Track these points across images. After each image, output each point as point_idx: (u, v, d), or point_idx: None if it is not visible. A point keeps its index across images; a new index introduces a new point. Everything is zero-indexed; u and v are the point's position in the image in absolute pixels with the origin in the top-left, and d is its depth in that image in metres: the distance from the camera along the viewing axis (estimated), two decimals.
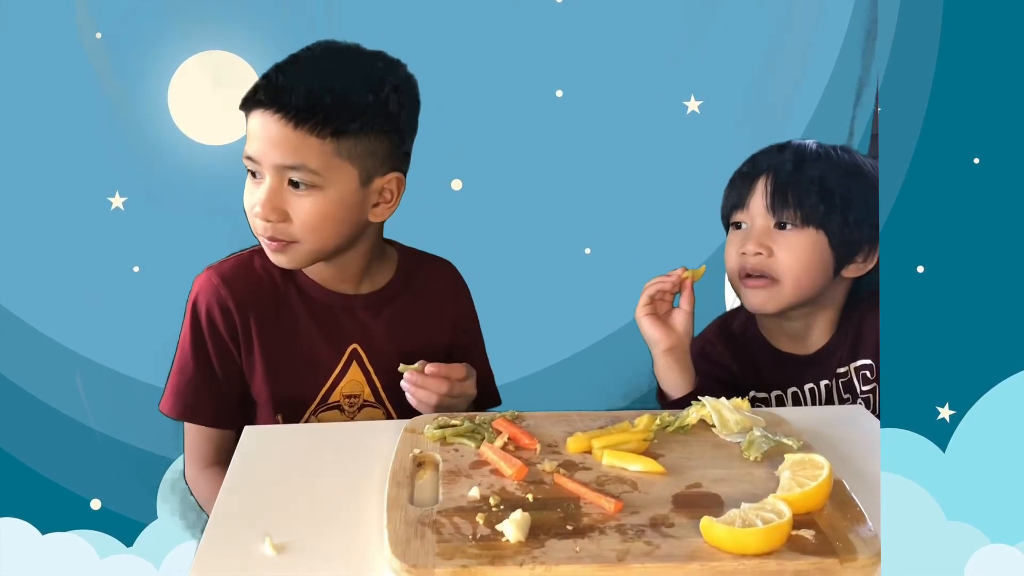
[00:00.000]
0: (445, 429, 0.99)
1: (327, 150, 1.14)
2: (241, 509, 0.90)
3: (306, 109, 1.13)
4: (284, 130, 1.13)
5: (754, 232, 1.30)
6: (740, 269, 1.31)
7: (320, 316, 1.26)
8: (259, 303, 1.24)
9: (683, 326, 1.25)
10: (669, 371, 1.24)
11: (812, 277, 1.29)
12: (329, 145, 1.14)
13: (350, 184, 1.16)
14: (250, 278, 1.24)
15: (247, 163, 1.17)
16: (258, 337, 1.23)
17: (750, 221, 1.31)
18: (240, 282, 1.24)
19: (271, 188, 1.15)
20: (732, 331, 1.40)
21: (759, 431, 0.97)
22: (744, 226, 1.32)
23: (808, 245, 1.28)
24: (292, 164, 1.14)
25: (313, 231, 1.16)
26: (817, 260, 1.28)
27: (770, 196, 1.29)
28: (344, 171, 1.15)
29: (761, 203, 1.29)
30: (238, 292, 1.23)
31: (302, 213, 1.15)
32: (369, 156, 1.17)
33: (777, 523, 0.78)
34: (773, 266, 1.29)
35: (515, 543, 0.78)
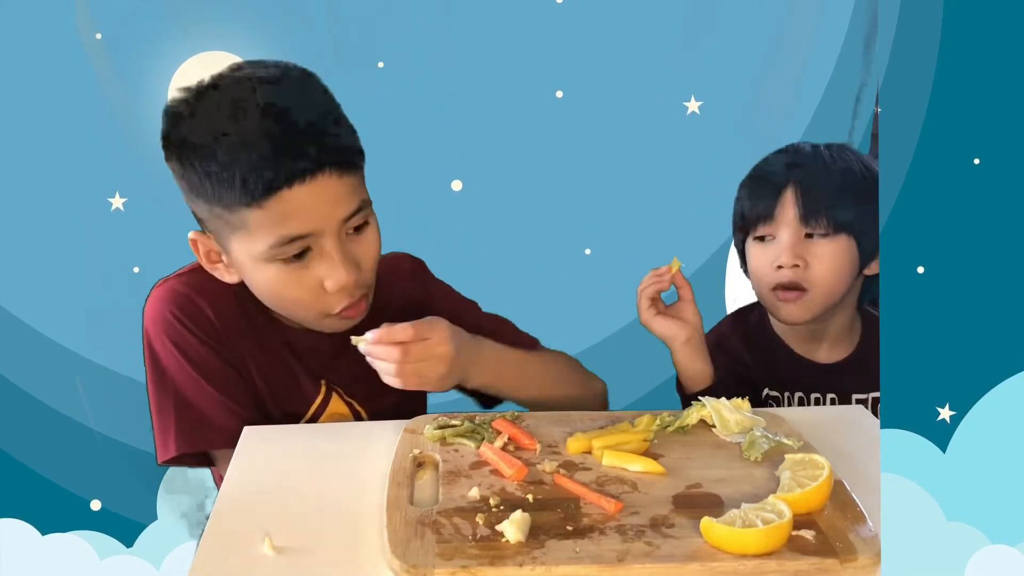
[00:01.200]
0: (445, 429, 0.99)
1: (362, 176, 1.08)
2: (241, 509, 0.89)
3: (342, 150, 1.03)
4: (337, 183, 1.02)
5: (786, 244, 1.28)
6: (774, 283, 1.30)
7: (291, 345, 1.17)
8: (233, 317, 1.13)
9: (693, 314, 1.25)
10: (692, 361, 1.24)
11: (843, 283, 1.30)
12: (361, 172, 1.08)
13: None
14: (217, 287, 1.12)
15: (288, 248, 1.02)
16: (244, 349, 1.13)
17: (778, 233, 1.29)
18: (210, 291, 1.12)
19: (341, 250, 1.04)
20: (748, 326, 1.39)
21: (759, 431, 0.97)
22: (768, 239, 1.31)
23: (840, 253, 1.27)
24: (357, 208, 1.04)
25: (374, 261, 1.10)
26: (848, 265, 1.28)
27: (802, 207, 1.27)
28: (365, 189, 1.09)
29: (792, 214, 1.28)
30: (212, 301, 1.11)
31: (370, 249, 1.08)
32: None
33: (777, 523, 0.78)
34: (808, 277, 1.28)
35: (515, 543, 0.78)
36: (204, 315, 1.11)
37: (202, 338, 1.11)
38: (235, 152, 0.98)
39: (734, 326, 1.43)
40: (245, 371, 1.14)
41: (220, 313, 1.12)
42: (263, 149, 0.98)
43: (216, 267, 1.11)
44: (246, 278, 1.09)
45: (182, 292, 1.11)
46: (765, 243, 1.32)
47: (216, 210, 1.02)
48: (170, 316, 1.11)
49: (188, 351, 1.11)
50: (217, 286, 1.12)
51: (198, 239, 1.10)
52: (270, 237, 1.01)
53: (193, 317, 1.11)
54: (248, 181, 0.98)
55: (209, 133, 1.00)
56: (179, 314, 1.10)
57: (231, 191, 0.99)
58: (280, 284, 1.05)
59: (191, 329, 1.10)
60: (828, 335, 1.37)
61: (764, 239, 1.32)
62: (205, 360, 1.11)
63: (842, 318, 1.36)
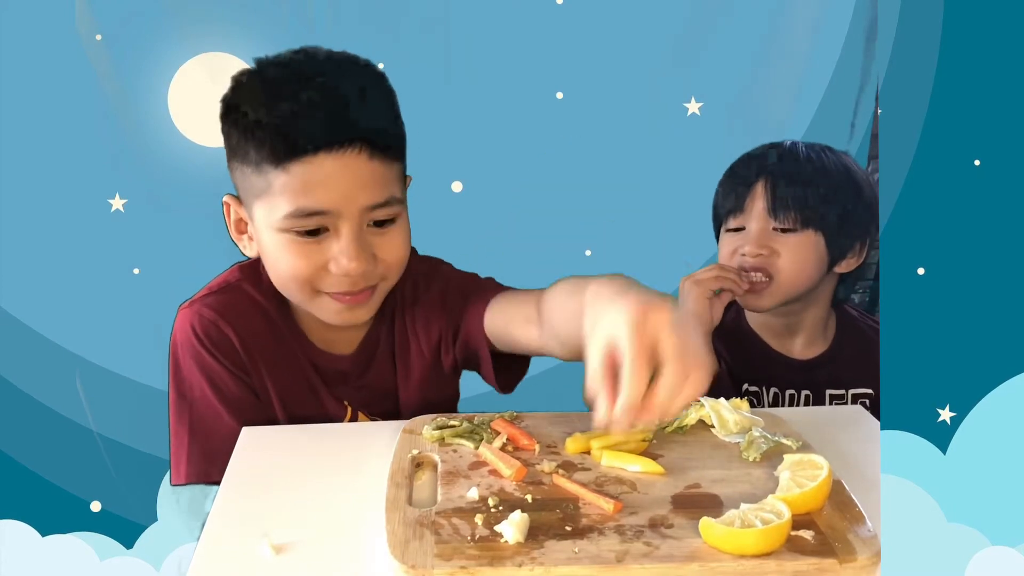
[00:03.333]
0: (443, 430, 0.99)
1: (399, 173, 1.06)
2: (240, 510, 0.89)
3: (383, 133, 1.02)
4: (369, 165, 1.00)
5: (752, 235, 1.32)
6: (737, 268, 1.33)
7: (317, 366, 1.17)
8: (258, 340, 1.12)
9: (719, 315, 1.30)
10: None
11: (808, 275, 1.33)
12: (398, 167, 1.06)
13: (405, 207, 1.08)
14: (243, 309, 1.13)
15: (306, 222, 1.01)
16: (268, 374, 1.13)
17: (748, 224, 1.33)
18: (237, 315, 1.11)
19: (357, 236, 1.02)
20: (724, 322, 1.41)
21: (758, 431, 0.97)
22: (739, 230, 1.35)
23: (807, 246, 1.31)
24: (384, 201, 1.03)
25: (399, 267, 1.08)
26: (814, 260, 1.32)
27: (770, 200, 1.31)
28: (403, 192, 1.08)
29: (761, 207, 1.31)
30: (238, 325, 1.11)
31: (392, 251, 1.06)
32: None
33: (776, 524, 0.78)
34: (773, 265, 1.31)
35: (514, 544, 0.78)
36: (228, 341, 1.10)
37: (227, 365, 1.11)
38: (273, 111, 0.99)
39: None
40: (266, 396, 1.14)
41: (244, 338, 1.11)
42: (300, 111, 0.98)
43: (241, 238, 1.11)
44: (261, 250, 1.08)
45: (208, 318, 1.11)
46: (736, 234, 1.35)
47: (247, 171, 1.03)
48: (196, 343, 1.10)
49: (213, 378, 1.11)
50: (244, 307, 1.13)
51: (231, 203, 1.10)
52: (289, 205, 1.00)
53: (218, 344, 1.10)
54: (278, 139, 0.98)
55: (260, 95, 1.01)
56: (205, 341, 1.10)
57: (261, 149, 1.00)
58: (285, 253, 1.04)
59: (216, 357, 1.10)
60: (802, 330, 1.39)
61: (735, 230, 1.35)
62: (228, 388, 1.11)
63: (815, 314, 1.39)
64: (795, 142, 1.37)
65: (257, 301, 1.14)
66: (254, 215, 1.06)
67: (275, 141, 0.99)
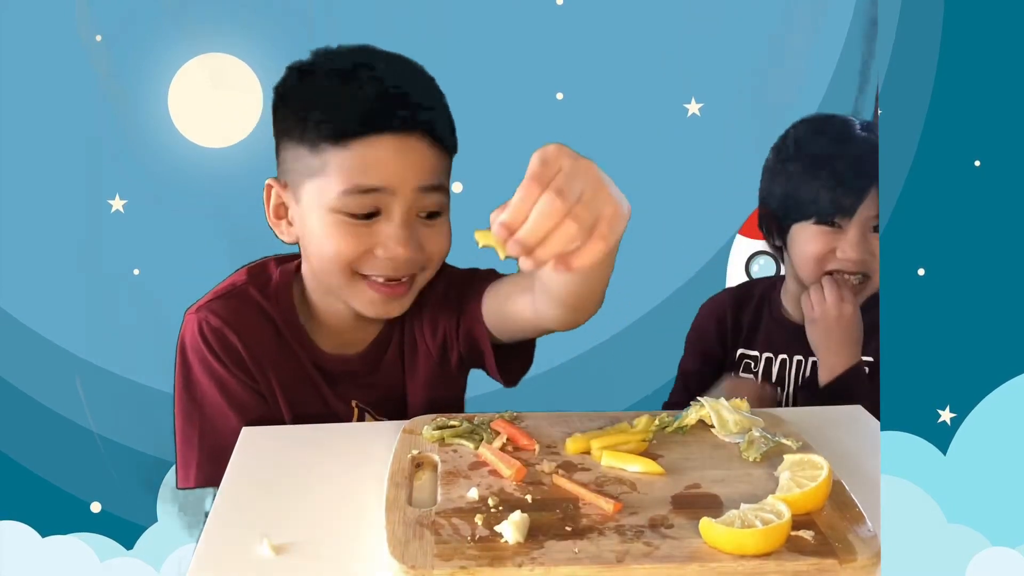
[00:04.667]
0: (443, 430, 0.99)
1: (448, 168, 1.09)
2: (240, 510, 0.89)
3: (441, 124, 1.06)
4: (425, 150, 1.04)
5: (856, 240, 1.33)
6: (834, 268, 1.35)
7: (323, 368, 1.17)
8: (263, 345, 1.13)
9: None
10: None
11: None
12: (448, 163, 1.09)
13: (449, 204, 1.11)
14: (248, 315, 1.14)
15: (361, 199, 1.03)
16: (274, 378, 1.14)
17: (850, 229, 1.33)
18: (241, 322, 1.13)
19: (407, 222, 1.04)
20: (750, 290, 1.42)
21: (758, 431, 0.97)
22: (837, 227, 1.34)
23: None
24: (436, 184, 1.06)
25: (440, 260, 1.10)
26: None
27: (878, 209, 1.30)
28: (449, 189, 1.10)
29: (871, 215, 1.32)
30: (242, 331, 1.12)
31: (437, 243, 1.09)
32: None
33: (776, 524, 0.78)
34: (870, 265, 1.33)
35: (514, 544, 0.78)
36: (235, 348, 1.12)
37: (234, 372, 1.12)
38: (337, 93, 1.03)
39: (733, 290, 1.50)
40: (273, 400, 1.14)
41: (249, 344, 1.12)
42: (366, 94, 1.02)
43: (279, 223, 1.11)
44: (304, 233, 1.09)
45: (214, 325, 1.12)
46: (832, 231, 1.34)
47: (301, 151, 1.05)
48: (204, 349, 1.12)
49: (223, 383, 1.12)
50: (250, 313, 1.14)
51: (274, 185, 1.10)
52: (345, 183, 1.02)
53: (225, 350, 1.12)
54: (341, 117, 1.02)
55: (323, 79, 1.06)
56: (214, 347, 1.11)
57: (321, 128, 1.02)
58: (335, 234, 1.05)
59: (224, 363, 1.11)
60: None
61: (830, 226, 1.34)
62: (237, 393, 1.12)
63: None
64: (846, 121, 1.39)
65: (263, 307, 1.15)
66: (302, 196, 1.07)
67: (337, 120, 1.02)
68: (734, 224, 1.75)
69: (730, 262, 1.76)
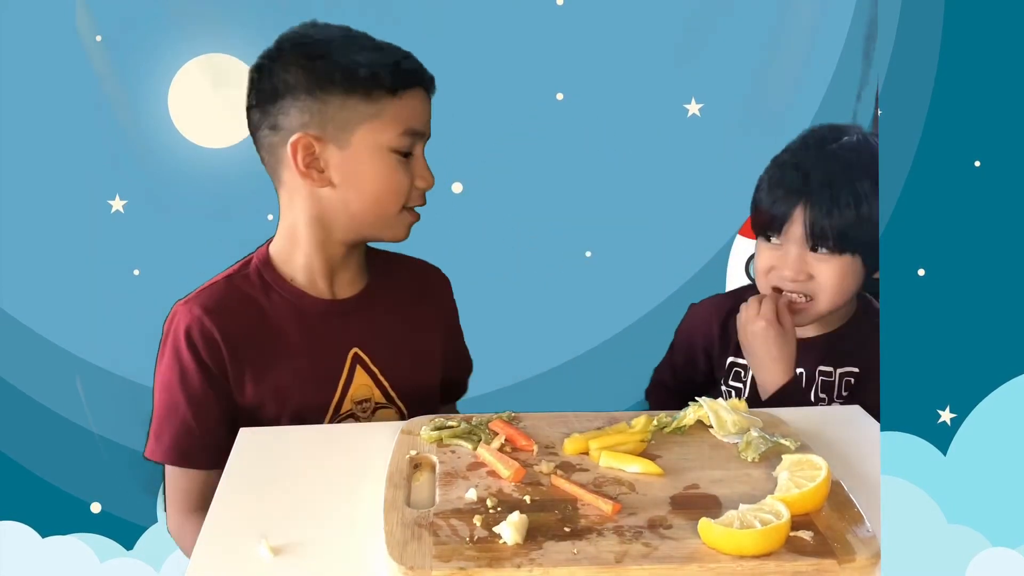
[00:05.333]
0: (442, 431, 0.99)
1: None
2: (238, 511, 0.89)
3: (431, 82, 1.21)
4: (427, 101, 1.21)
5: (791, 260, 1.30)
6: (777, 285, 1.32)
7: (315, 327, 1.21)
8: (247, 329, 1.18)
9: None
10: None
11: (846, 294, 1.32)
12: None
13: None
14: (232, 305, 1.19)
15: (408, 140, 1.18)
16: (253, 364, 1.18)
17: (786, 247, 1.31)
18: (223, 311, 1.18)
19: (423, 159, 1.21)
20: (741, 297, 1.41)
21: (757, 432, 0.97)
22: (775, 243, 1.32)
23: (844, 269, 1.28)
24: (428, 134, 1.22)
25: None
26: (852, 280, 1.30)
27: (809, 227, 1.28)
28: None
29: (799, 233, 1.29)
30: (223, 322, 1.17)
31: (426, 175, 1.22)
32: None
33: (775, 524, 0.78)
34: (812, 288, 1.30)
35: (512, 545, 0.78)
36: (212, 339, 1.16)
37: (202, 361, 1.16)
38: (382, 54, 1.17)
39: (717, 300, 1.47)
40: (251, 391, 1.18)
41: (231, 333, 1.17)
42: (403, 55, 1.19)
43: (309, 173, 1.17)
44: (353, 172, 1.17)
45: (195, 315, 1.17)
46: (774, 249, 1.33)
47: (351, 101, 1.14)
48: (180, 337, 1.17)
49: (184, 371, 1.16)
50: (233, 302, 1.19)
51: (308, 138, 1.16)
52: (402, 126, 1.17)
53: (201, 340, 1.16)
54: (397, 73, 1.16)
55: (352, 44, 1.18)
56: (192, 336, 1.16)
57: (378, 79, 1.14)
58: (392, 170, 1.18)
59: (194, 352, 1.16)
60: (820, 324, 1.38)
61: (770, 240, 1.33)
62: (196, 389, 1.17)
63: (844, 311, 1.37)
64: (845, 140, 1.32)
65: (245, 291, 1.20)
66: (352, 140, 1.16)
67: (387, 74, 1.15)
68: (734, 225, 1.74)
69: (730, 263, 1.76)
